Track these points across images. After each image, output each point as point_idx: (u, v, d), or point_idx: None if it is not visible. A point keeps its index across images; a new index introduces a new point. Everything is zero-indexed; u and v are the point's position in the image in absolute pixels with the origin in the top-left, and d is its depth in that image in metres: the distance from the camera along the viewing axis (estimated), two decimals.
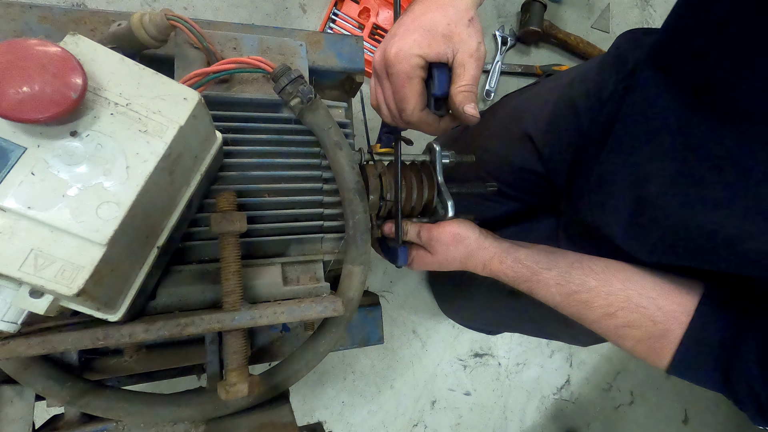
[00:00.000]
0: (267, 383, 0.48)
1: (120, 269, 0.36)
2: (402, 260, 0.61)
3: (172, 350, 0.54)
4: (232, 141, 0.50)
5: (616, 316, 0.51)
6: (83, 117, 0.32)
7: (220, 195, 0.46)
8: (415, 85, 0.47)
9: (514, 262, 0.58)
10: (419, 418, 1.20)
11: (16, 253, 0.30)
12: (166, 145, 0.34)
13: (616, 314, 0.51)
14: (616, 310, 0.51)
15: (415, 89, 0.47)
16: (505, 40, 1.26)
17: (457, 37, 0.45)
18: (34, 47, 0.29)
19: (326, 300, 0.46)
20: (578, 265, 0.55)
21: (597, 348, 1.40)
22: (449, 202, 0.61)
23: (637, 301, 0.50)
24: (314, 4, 1.14)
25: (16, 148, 0.30)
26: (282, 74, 0.48)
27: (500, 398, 1.28)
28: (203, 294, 0.47)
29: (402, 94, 0.47)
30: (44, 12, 0.52)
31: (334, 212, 0.54)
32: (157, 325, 0.39)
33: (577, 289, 0.53)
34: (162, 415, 0.45)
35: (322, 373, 1.12)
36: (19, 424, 0.45)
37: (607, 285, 0.52)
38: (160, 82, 0.35)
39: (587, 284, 0.53)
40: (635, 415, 1.43)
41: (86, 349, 0.48)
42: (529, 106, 0.76)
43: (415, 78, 0.46)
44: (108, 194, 0.32)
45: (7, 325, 0.34)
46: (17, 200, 0.30)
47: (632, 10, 1.45)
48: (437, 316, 1.22)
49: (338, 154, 0.51)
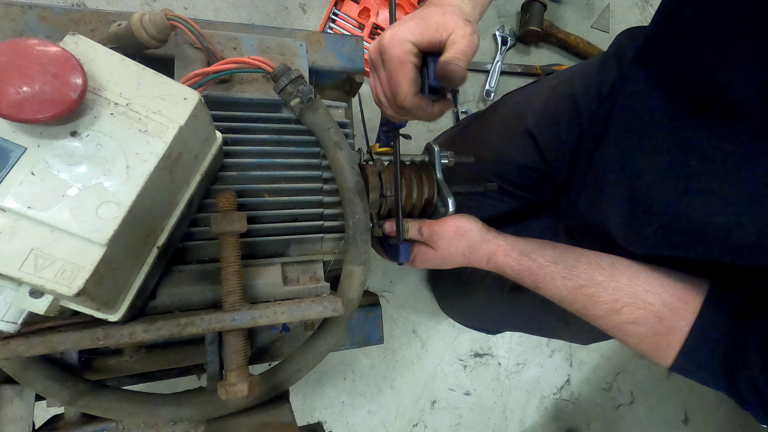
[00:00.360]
0: (267, 383, 0.48)
1: (120, 269, 0.36)
2: (404, 256, 0.61)
3: (172, 350, 0.54)
4: (232, 141, 0.50)
5: (622, 312, 0.51)
6: (83, 117, 0.32)
7: (220, 195, 0.46)
8: (408, 70, 0.47)
9: (520, 255, 0.57)
10: (419, 418, 1.20)
11: (16, 253, 0.30)
12: (166, 145, 0.34)
13: (622, 310, 0.51)
14: (622, 306, 0.51)
15: (407, 74, 0.47)
16: (505, 40, 1.26)
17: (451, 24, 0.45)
18: (34, 47, 0.29)
19: (326, 300, 0.46)
20: (585, 260, 0.54)
21: (597, 348, 1.40)
22: (450, 198, 0.61)
23: (644, 297, 0.50)
24: (314, 4, 1.14)
25: (16, 148, 0.30)
26: (282, 74, 0.48)
27: (500, 398, 1.28)
28: (203, 294, 0.47)
29: (396, 79, 0.47)
30: (44, 12, 0.52)
31: (334, 212, 0.54)
32: (157, 325, 0.39)
33: (584, 283, 0.53)
34: (162, 415, 0.45)
35: (322, 373, 1.12)
36: (19, 424, 0.45)
37: (614, 280, 0.52)
38: (160, 82, 0.35)
39: (594, 278, 0.53)
40: (635, 415, 1.43)
41: (86, 349, 0.48)
42: (530, 103, 0.76)
43: (407, 63, 0.46)
44: (108, 194, 0.32)
45: (7, 325, 0.34)
46: (17, 200, 0.30)
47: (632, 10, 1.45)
48: (437, 316, 1.22)
49: (338, 154, 0.51)
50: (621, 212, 0.55)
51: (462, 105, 1.21)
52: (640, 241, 0.54)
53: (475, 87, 1.24)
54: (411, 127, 1.14)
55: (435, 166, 0.63)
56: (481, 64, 1.24)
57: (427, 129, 1.18)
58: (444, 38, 0.45)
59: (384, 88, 0.50)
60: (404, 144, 0.63)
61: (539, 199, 0.80)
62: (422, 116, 0.51)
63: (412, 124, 1.11)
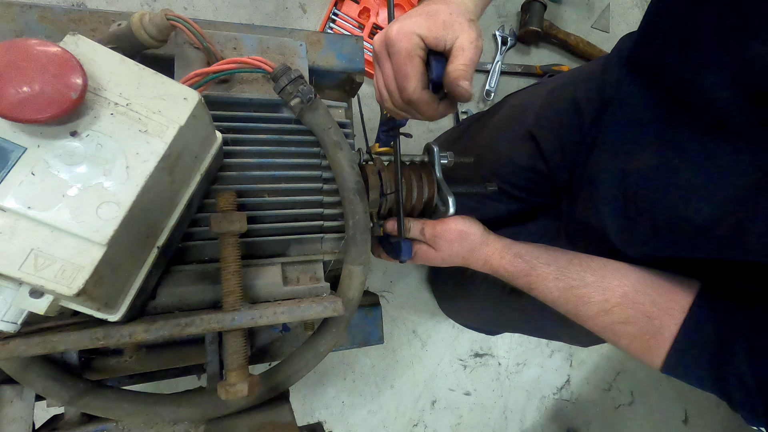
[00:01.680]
0: (267, 383, 0.48)
1: (120, 269, 0.36)
2: (405, 253, 0.61)
3: (172, 350, 0.54)
4: (232, 141, 0.50)
5: (612, 312, 0.51)
6: (83, 117, 0.32)
7: (220, 195, 0.46)
8: (417, 64, 0.46)
9: (514, 257, 0.58)
10: (419, 418, 1.20)
11: (16, 253, 0.30)
12: (166, 145, 0.34)
13: (612, 310, 0.51)
14: (612, 306, 0.51)
15: (416, 67, 0.46)
16: (505, 40, 1.26)
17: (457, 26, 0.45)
18: (34, 47, 0.29)
19: (326, 300, 0.46)
20: (576, 262, 0.55)
21: (597, 348, 1.40)
22: (450, 198, 0.61)
23: (633, 297, 0.50)
24: (314, 4, 1.14)
25: (16, 148, 0.30)
26: (282, 74, 0.48)
27: (500, 398, 1.28)
28: (203, 294, 0.47)
29: (404, 72, 0.46)
30: (44, 12, 0.52)
31: (334, 212, 0.54)
32: (157, 325, 0.39)
33: (575, 284, 0.54)
34: (162, 415, 0.45)
35: (322, 373, 1.12)
36: (19, 424, 0.45)
37: (605, 281, 0.52)
38: (160, 82, 0.35)
39: (585, 279, 0.53)
40: (635, 415, 1.43)
41: (86, 349, 0.48)
42: (532, 104, 0.77)
43: (415, 56, 0.46)
44: (108, 194, 0.32)
45: (7, 325, 0.34)
46: (17, 200, 0.30)
47: (632, 10, 1.45)
48: (437, 316, 1.22)
49: (338, 154, 0.51)
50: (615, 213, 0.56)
51: (462, 105, 1.21)
52: (634, 242, 0.54)
53: (475, 87, 1.25)
54: (411, 127, 1.14)
55: (435, 166, 0.63)
56: (481, 64, 1.24)
57: (427, 129, 1.18)
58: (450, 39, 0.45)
59: (389, 81, 0.49)
60: (404, 144, 0.63)
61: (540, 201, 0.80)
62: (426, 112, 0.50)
63: (412, 123, 1.11)
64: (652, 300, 0.49)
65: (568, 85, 0.72)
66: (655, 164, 0.51)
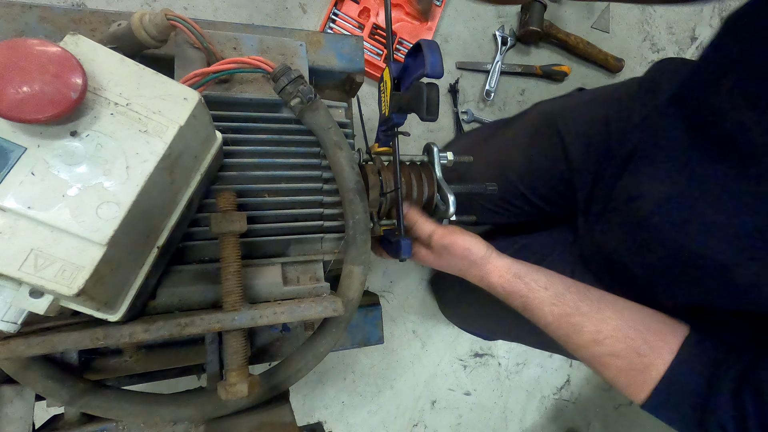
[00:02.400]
0: (267, 383, 0.48)
1: (120, 269, 0.36)
2: (406, 252, 0.60)
3: (172, 350, 0.54)
4: (232, 141, 0.50)
5: (603, 344, 0.52)
6: (83, 117, 0.32)
7: (220, 195, 0.46)
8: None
9: (513, 277, 0.58)
10: (419, 418, 1.20)
11: (16, 253, 0.30)
12: (166, 145, 0.34)
13: (603, 341, 0.51)
14: (604, 338, 0.51)
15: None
16: (505, 40, 1.26)
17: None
18: (34, 47, 0.29)
19: (326, 300, 0.46)
20: (574, 290, 0.55)
21: None
22: (450, 197, 0.61)
23: (626, 332, 0.51)
24: (314, 4, 1.14)
25: (16, 148, 0.30)
26: (282, 74, 0.48)
27: (500, 398, 1.28)
28: (203, 294, 0.47)
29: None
30: (44, 12, 0.52)
31: (334, 212, 0.54)
32: (157, 325, 0.39)
33: (571, 312, 0.54)
34: (162, 415, 0.45)
35: (322, 373, 1.12)
36: (19, 424, 0.45)
37: (600, 312, 0.53)
38: (160, 82, 0.35)
39: (581, 308, 0.54)
40: (635, 415, 1.43)
41: (86, 349, 0.48)
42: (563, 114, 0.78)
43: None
44: (108, 194, 0.32)
45: (7, 325, 0.34)
46: (17, 200, 0.30)
47: (632, 11, 1.45)
48: (437, 316, 1.22)
49: (338, 154, 0.51)
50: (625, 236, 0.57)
51: (462, 105, 1.21)
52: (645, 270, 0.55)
53: (475, 87, 1.24)
54: (411, 127, 1.14)
55: (434, 165, 0.63)
56: (481, 64, 1.24)
57: (427, 129, 1.18)
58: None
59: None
60: (404, 144, 0.63)
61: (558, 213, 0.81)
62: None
63: (412, 123, 1.11)
64: (643, 337, 0.50)
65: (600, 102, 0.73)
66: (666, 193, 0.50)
